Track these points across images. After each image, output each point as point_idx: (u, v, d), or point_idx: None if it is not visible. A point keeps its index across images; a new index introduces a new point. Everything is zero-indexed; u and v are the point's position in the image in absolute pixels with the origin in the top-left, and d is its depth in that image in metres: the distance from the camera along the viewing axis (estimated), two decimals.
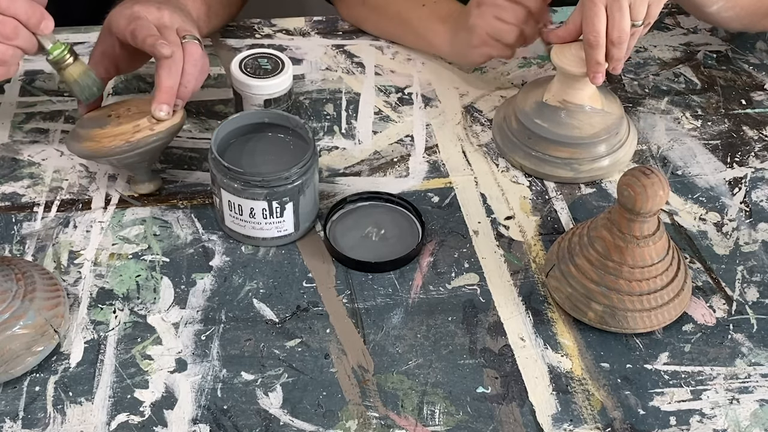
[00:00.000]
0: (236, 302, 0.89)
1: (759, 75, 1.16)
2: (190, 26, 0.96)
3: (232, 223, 0.92)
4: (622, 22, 0.91)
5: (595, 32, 0.91)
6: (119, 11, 0.95)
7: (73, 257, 0.92)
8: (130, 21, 0.92)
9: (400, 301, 0.89)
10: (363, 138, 1.05)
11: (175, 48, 0.91)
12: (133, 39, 0.91)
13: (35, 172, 1.00)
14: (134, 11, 0.93)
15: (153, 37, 0.90)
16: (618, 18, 0.91)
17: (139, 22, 0.92)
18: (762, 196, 1.01)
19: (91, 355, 0.84)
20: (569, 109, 0.99)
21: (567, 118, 0.99)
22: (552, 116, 0.99)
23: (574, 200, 1.00)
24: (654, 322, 0.86)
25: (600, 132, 0.99)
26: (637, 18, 0.91)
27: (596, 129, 0.99)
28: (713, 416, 0.82)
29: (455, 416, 0.81)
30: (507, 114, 1.04)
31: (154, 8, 0.94)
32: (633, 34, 0.93)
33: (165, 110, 0.90)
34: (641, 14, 0.92)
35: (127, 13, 0.94)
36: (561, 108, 0.99)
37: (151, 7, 0.94)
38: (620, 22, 0.91)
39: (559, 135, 0.99)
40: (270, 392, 0.82)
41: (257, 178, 0.87)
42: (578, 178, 1.00)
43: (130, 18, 0.93)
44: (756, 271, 0.93)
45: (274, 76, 0.98)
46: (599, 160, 1.00)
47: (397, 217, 0.96)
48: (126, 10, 0.94)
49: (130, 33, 0.91)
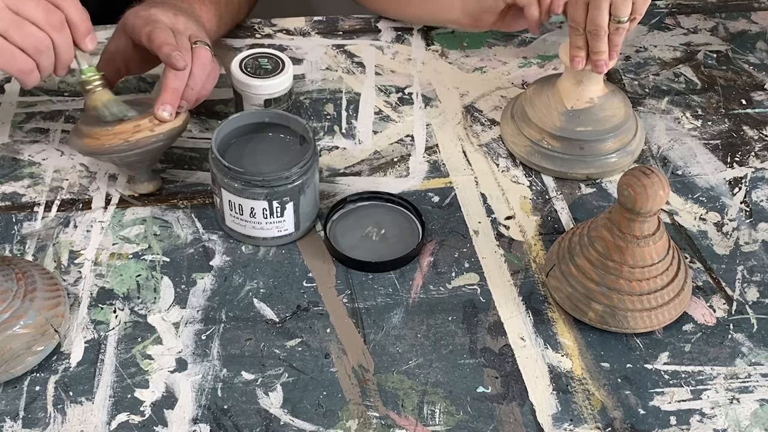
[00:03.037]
0: (236, 302, 0.89)
1: (759, 75, 1.16)
2: (202, 35, 0.96)
3: (232, 222, 0.92)
4: (597, 17, 0.93)
5: (573, 20, 0.95)
6: (136, 12, 0.95)
7: (74, 257, 0.92)
8: (146, 23, 0.93)
9: (401, 301, 0.89)
10: (363, 138, 1.06)
11: (185, 55, 0.91)
12: (149, 42, 0.91)
13: (35, 171, 1.00)
14: (151, 14, 0.94)
15: (170, 46, 0.90)
16: (594, 12, 0.92)
17: (157, 25, 0.92)
18: (762, 196, 1.01)
19: (92, 355, 0.84)
20: (598, 103, 1.00)
21: (601, 110, 1.00)
22: (589, 117, 1.00)
23: (575, 200, 1.00)
24: (654, 321, 0.86)
25: (627, 109, 1.02)
26: (620, 14, 0.92)
27: (623, 108, 1.01)
28: (713, 416, 0.82)
29: (455, 416, 0.81)
30: (535, 140, 1.01)
31: (171, 13, 0.95)
32: (618, 30, 0.94)
33: (168, 110, 0.90)
34: (625, 11, 0.92)
35: (144, 14, 0.94)
36: (591, 105, 1.00)
37: (168, 12, 0.95)
38: (596, 16, 0.93)
39: (606, 130, 1.00)
40: (270, 392, 0.82)
41: (257, 178, 0.87)
42: (635, 159, 1.03)
43: (147, 20, 0.93)
44: (756, 270, 0.93)
45: (274, 76, 0.98)
46: (638, 134, 1.03)
47: (397, 217, 0.96)
48: (143, 12, 0.94)
49: (146, 35, 0.92)
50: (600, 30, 0.93)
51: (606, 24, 0.93)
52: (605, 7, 0.92)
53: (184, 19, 0.96)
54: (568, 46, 0.97)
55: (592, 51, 0.95)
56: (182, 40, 0.92)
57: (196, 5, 1.03)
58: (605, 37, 0.94)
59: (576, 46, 0.96)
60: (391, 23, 1.20)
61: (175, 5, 0.98)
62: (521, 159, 1.02)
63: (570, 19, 0.95)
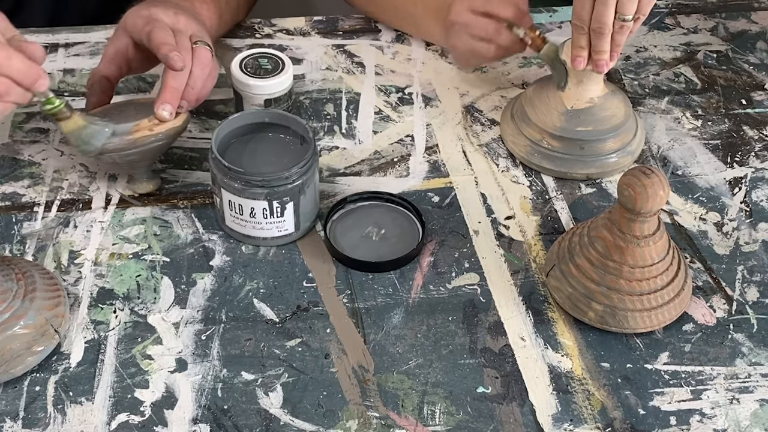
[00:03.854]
0: (236, 302, 0.89)
1: (759, 75, 1.16)
2: (203, 34, 0.96)
3: (232, 222, 0.92)
4: (603, 14, 0.92)
5: (578, 18, 0.94)
6: (136, 11, 0.95)
7: (74, 257, 0.92)
8: (147, 22, 0.93)
9: (401, 301, 0.89)
10: (363, 138, 1.05)
11: (185, 55, 0.91)
12: (149, 41, 0.91)
13: (35, 171, 1.00)
14: (152, 13, 0.94)
15: (168, 46, 0.90)
16: (601, 9, 0.92)
17: (157, 24, 0.92)
18: (762, 196, 1.01)
19: (92, 355, 0.84)
20: (598, 103, 1.00)
21: (601, 110, 1.00)
22: (590, 117, 1.00)
23: (574, 200, 1.00)
24: (654, 321, 0.86)
25: (626, 108, 1.02)
26: (626, 12, 0.92)
27: (624, 108, 1.01)
28: (713, 416, 0.82)
29: (455, 416, 0.81)
30: (535, 140, 1.01)
31: (172, 12, 0.95)
32: (622, 28, 0.94)
33: (168, 110, 0.90)
34: (631, 8, 0.92)
35: (145, 14, 0.94)
36: (591, 105, 1.00)
37: (168, 11, 0.95)
38: (602, 12, 0.92)
39: (607, 130, 1.00)
40: (270, 392, 0.82)
41: (258, 178, 0.87)
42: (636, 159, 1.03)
43: (148, 19, 0.93)
44: (756, 270, 0.93)
45: (274, 76, 0.98)
46: (638, 134, 1.03)
47: (397, 217, 0.96)
48: (144, 11, 0.94)
49: (146, 34, 0.92)
50: (605, 28, 0.93)
51: (611, 22, 0.93)
52: (612, 4, 0.92)
53: (184, 18, 0.96)
54: (569, 46, 0.97)
55: (594, 50, 0.95)
56: (183, 40, 0.92)
57: (197, 4, 1.03)
58: (608, 37, 0.94)
59: (579, 45, 0.96)
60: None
61: (176, 4, 0.98)
62: (521, 159, 1.02)
63: (575, 16, 0.95)
